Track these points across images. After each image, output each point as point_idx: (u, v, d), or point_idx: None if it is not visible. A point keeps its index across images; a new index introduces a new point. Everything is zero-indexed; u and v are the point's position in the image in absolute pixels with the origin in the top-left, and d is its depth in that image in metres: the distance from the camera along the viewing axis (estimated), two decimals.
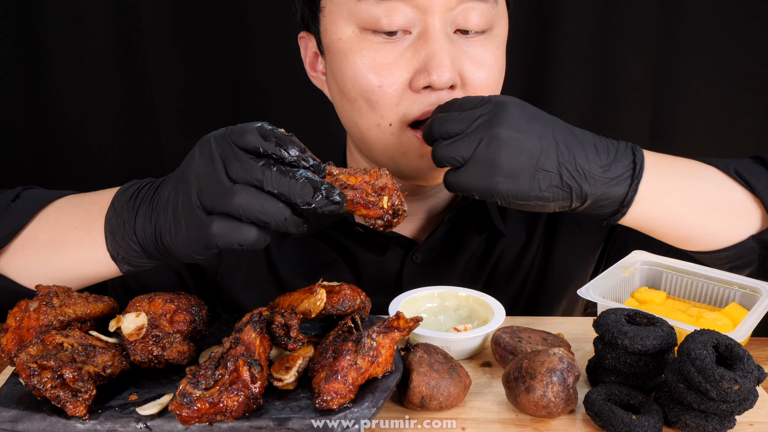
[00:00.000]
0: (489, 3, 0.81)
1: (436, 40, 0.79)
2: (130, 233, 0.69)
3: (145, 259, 0.71)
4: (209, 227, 0.61)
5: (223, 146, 0.62)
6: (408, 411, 0.64)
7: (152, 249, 0.69)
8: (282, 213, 0.59)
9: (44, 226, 0.76)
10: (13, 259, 0.76)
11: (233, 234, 0.60)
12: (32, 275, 0.75)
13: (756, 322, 0.71)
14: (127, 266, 0.72)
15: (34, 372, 0.57)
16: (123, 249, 0.70)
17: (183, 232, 0.63)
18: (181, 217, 0.63)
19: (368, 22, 0.79)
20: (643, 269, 0.85)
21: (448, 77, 0.78)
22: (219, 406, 0.55)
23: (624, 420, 0.59)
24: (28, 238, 0.76)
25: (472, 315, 0.80)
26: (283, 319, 0.62)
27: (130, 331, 0.63)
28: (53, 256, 0.75)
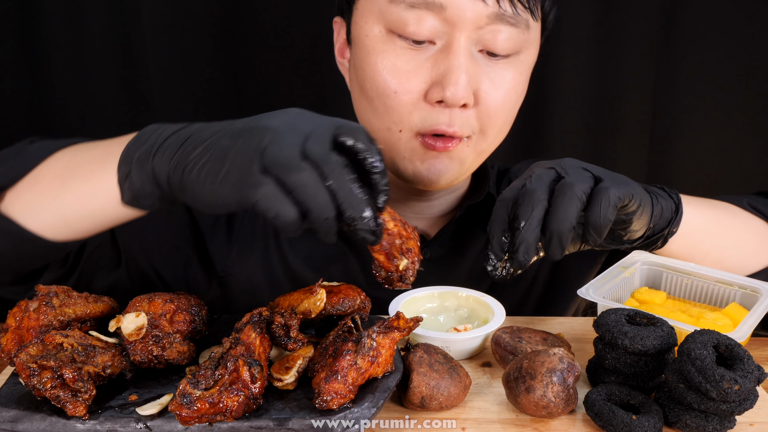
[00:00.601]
0: (519, 28, 0.81)
1: (457, 56, 0.79)
2: (148, 155, 0.64)
3: (151, 188, 0.65)
4: (258, 186, 0.56)
5: (318, 128, 0.60)
6: (408, 411, 0.64)
7: (167, 178, 0.63)
8: (328, 211, 0.57)
9: (55, 165, 0.72)
10: (20, 198, 0.72)
11: (276, 204, 0.56)
12: (38, 216, 0.71)
13: (756, 322, 0.71)
14: (130, 195, 0.66)
15: (34, 372, 0.57)
16: (134, 174, 0.65)
17: (221, 177, 0.58)
18: (228, 162, 0.58)
19: (396, 25, 0.79)
20: (643, 269, 0.85)
21: (461, 96, 0.78)
22: (219, 406, 0.55)
23: (624, 420, 0.59)
24: (37, 177, 0.72)
25: (472, 315, 0.80)
26: (283, 319, 0.62)
27: (130, 331, 0.63)
28: (61, 192, 0.70)
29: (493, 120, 0.84)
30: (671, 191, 0.81)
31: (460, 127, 0.82)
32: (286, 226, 0.57)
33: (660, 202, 0.77)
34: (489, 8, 0.78)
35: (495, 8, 0.78)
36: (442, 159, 0.84)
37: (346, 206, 0.57)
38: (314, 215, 0.57)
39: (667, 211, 0.78)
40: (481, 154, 0.88)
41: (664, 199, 0.78)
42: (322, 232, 0.58)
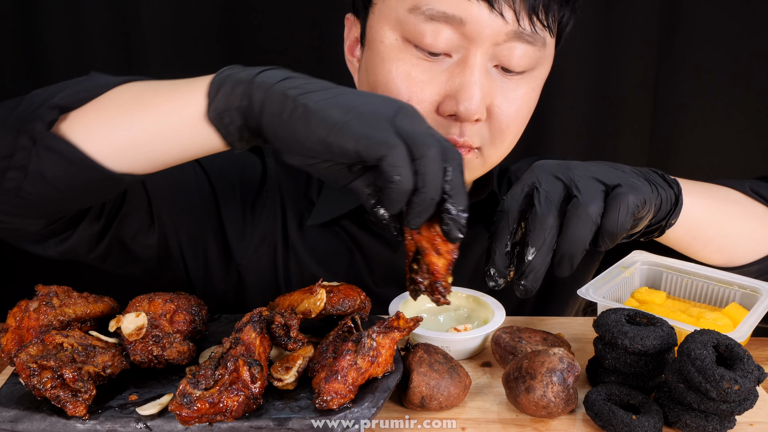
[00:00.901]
0: (536, 46, 0.81)
1: (473, 72, 0.78)
2: (248, 79, 0.62)
3: (243, 108, 0.62)
4: (393, 146, 0.57)
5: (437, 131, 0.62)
6: (408, 411, 0.64)
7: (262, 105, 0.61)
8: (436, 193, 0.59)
9: (128, 90, 0.68)
10: (84, 118, 0.66)
11: (403, 168, 0.57)
12: (103, 137, 0.66)
13: (756, 322, 0.71)
14: (215, 112, 0.63)
15: (34, 372, 0.57)
16: (227, 90, 0.62)
17: (341, 124, 0.58)
18: (354, 112, 0.59)
19: (413, 35, 0.79)
20: (643, 269, 0.85)
21: (474, 110, 0.78)
22: (219, 406, 0.55)
23: (624, 420, 0.59)
24: (108, 98, 0.67)
25: (472, 315, 0.80)
26: (283, 319, 0.62)
27: (130, 331, 0.63)
28: (134, 111, 0.66)
29: (505, 134, 0.85)
30: (672, 181, 0.79)
31: (470, 137, 0.82)
32: (399, 193, 0.58)
33: (660, 193, 0.75)
34: (508, 26, 0.77)
35: (514, 26, 0.78)
36: None
37: (454, 194, 0.60)
38: (424, 193, 0.58)
39: (666, 203, 0.76)
40: (489, 165, 0.88)
41: (663, 190, 0.76)
42: (416, 210, 0.60)
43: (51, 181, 0.66)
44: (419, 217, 0.60)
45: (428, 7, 0.77)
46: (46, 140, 0.65)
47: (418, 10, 0.78)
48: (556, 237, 0.67)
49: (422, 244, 0.65)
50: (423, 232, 0.64)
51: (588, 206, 0.66)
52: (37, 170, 0.65)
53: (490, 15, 0.76)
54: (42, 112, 0.65)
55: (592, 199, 0.67)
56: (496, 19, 0.77)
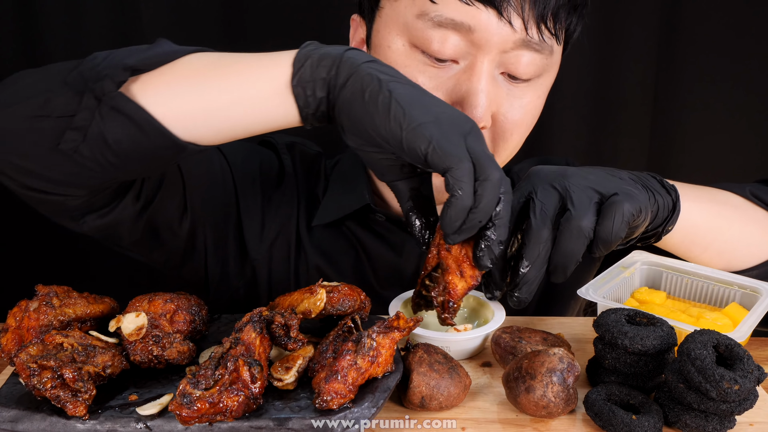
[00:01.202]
0: (543, 54, 0.81)
1: (480, 79, 0.78)
2: (337, 53, 0.62)
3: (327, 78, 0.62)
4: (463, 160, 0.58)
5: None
6: (408, 411, 0.64)
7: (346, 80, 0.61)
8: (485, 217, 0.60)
9: (205, 57, 0.66)
10: (156, 82, 0.64)
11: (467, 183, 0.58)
12: (174, 102, 0.63)
13: (756, 322, 0.71)
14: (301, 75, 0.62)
15: (34, 372, 0.57)
16: (314, 61, 0.62)
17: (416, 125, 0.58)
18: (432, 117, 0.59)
19: (420, 41, 0.79)
20: (643, 269, 0.85)
21: (480, 118, 0.78)
22: (219, 406, 0.55)
23: (624, 420, 0.59)
24: (181, 64, 0.65)
25: (473, 315, 0.80)
26: (283, 319, 0.62)
27: (130, 331, 0.63)
28: (211, 79, 0.64)
29: (508, 141, 0.85)
30: (670, 186, 0.79)
31: None
32: (459, 210, 0.59)
33: (657, 200, 0.75)
34: (516, 34, 0.77)
35: (522, 35, 0.77)
36: None
37: (498, 225, 0.61)
38: (475, 214, 0.60)
39: (663, 209, 0.77)
40: None
41: (661, 196, 0.76)
42: (463, 228, 0.61)
43: (111, 145, 0.62)
44: (461, 234, 0.61)
45: (437, 13, 0.77)
46: (114, 100, 0.61)
47: (426, 16, 0.77)
48: (550, 250, 0.69)
49: (448, 262, 0.66)
50: (453, 251, 0.65)
51: (581, 220, 0.67)
52: (99, 132, 0.62)
53: (498, 23, 0.76)
54: (112, 72, 0.62)
55: (584, 213, 0.68)
56: (504, 27, 0.76)
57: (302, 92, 0.63)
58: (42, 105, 0.62)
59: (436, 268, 0.69)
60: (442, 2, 0.76)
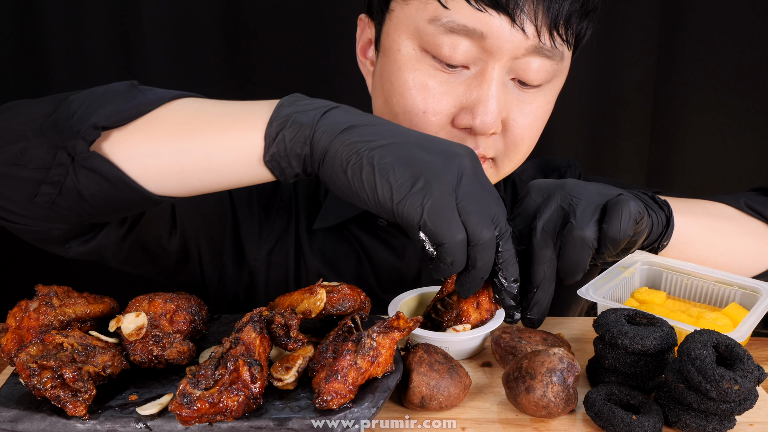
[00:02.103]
0: (554, 60, 0.80)
1: (491, 85, 0.78)
2: (309, 123, 0.61)
3: (302, 154, 0.61)
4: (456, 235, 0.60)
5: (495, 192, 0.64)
6: (408, 411, 0.64)
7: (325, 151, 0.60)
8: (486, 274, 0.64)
9: (179, 111, 0.65)
10: (130, 140, 0.63)
11: (460, 255, 0.61)
12: (148, 162, 0.63)
13: (756, 322, 0.71)
14: (274, 152, 0.62)
15: (34, 372, 0.57)
16: (287, 134, 0.61)
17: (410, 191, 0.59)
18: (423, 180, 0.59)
19: (431, 46, 0.78)
20: (643, 269, 0.85)
21: (491, 124, 0.78)
22: (219, 406, 0.55)
23: (624, 420, 0.59)
24: (156, 119, 0.64)
25: None
26: (283, 319, 0.62)
27: (130, 331, 0.63)
28: (186, 139, 0.63)
29: (519, 146, 0.85)
30: (662, 202, 0.79)
31: (485, 149, 0.82)
32: (450, 272, 0.62)
33: (651, 215, 0.76)
34: (528, 41, 0.77)
35: (534, 41, 0.77)
36: None
37: (505, 267, 0.64)
38: (474, 272, 0.63)
39: (658, 225, 0.77)
40: (502, 175, 0.89)
41: (654, 212, 0.76)
42: (465, 286, 0.65)
43: (87, 198, 0.64)
44: (469, 291, 0.65)
45: (448, 19, 0.76)
46: (87, 161, 0.62)
47: (437, 21, 0.76)
48: (555, 267, 0.70)
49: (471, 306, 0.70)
50: None
51: (583, 231, 0.68)
52: (73, 187, 0.63)
53: (511, 30, 0.75)
54: (83, 129, 0.61)
55: (586, 223, 0.68)
56: (516, 34, 0.76)
57: (277, 165, 0.63)
58: (19, 154, 0.63)
59: (451, 294, 0.70)
60: (454, 8, 0.76)
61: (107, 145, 0.63)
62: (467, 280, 0.64)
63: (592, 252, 0.69)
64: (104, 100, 0.64)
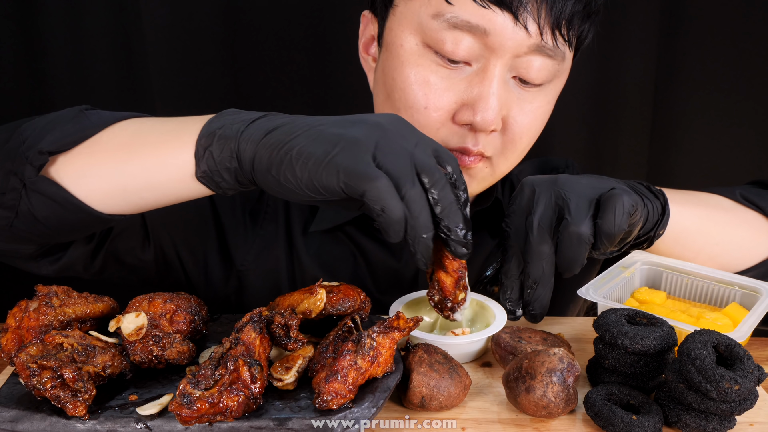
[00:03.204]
0: (556, 60, 0.80)
1: (492, 82, 0.78)
2: (235, 132, 0.62)
3: (232, 167, 0.63)
4: (376, 179, 0.57)
5: (422, 141, 0.62)
6: (408, 411, 0.64)
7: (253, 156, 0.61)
8: (427, 229, 0.60)
9: (120, 132, 0.69)
10: (75, 163, 0.67)
11: (388, 199, 0.57)
12: (93, 183, 0.67)
13: (756, 322, 0.71)
14: (205, 169, 0.63)
15: (34, 372, 0.57)
16: (215, 150, 0.62)
17: (327, 160, 0.58)
18: (339, 146, 0.58)
19: (434, 41, 0.78)
20: (643, 269, 0.85)
21: (491, 121, 0.78)
22: (219, 406, 0.55)
23: (624, 420, 0.59)
24: (98, 142, 0.68)
25: (475, 318, 0.80)
26: (283, 319, 0.62)
27: (130, 331, 0.63)
28: (126, 160, 0.66)
29: (517, 144, 0.84)
30: (657, 191, 0.80)
31: (483, 147, 0.82)
32: (391, 223, 0.58)
33: (647, 204, 0.76)
34: (531, 39, 0.77)
35: (537, 40, 0.77)
36: (465, 176, 0.84)
37: (446, 215, 0.60)
38: (415, 229, 0.59)
39: (653, 214, 0.77)
40: (498, 175, 0.88)
41: (650, 201, 0.77)
42: (414, 248, 0.60)
43: (41, 221, 0.68)
44: (422, 254, 0.61)
45: (452, 15, 0.76)
46: (36, 184, 0.66)
47: (441, 17, 0.77)
48: (554, 262, 0.71)
49: (434, 260, 0.67)
50: (433, 249, 0.65)
51: (579, 227, 0.69)
52: (28, 210, 0.67)
53: (514, 27, 0.76)
54: (31, 155, 0.66)
55: (581, 219, 0.69)
56: (519, 32, 0.76)
57: (211, 181, 0.64)
58: None
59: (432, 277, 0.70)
60: (457, 4, 0.76)
61: (55, 169, 0.67)
62: (413, 239, 0.60)
63: (589, 247, 0.70)
64: (52, 127, 0.68)
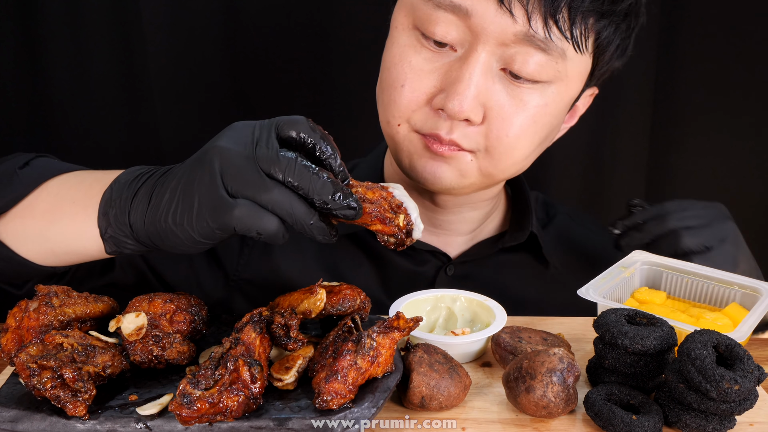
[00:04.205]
0: (551, 56, 0.75)
1: (470, 68, 0.75)
2: (124, 212, 0.64)
3: (132, 242, 0.65)
4: (232, 210, 0.57)
5: (262, 132, 0.59)
6: (408, 411, 0.64)
7: (144, 231, 0.63)
8: (308, 216, 0.58)
9: (45, 197, 0.74)
10: (12, 225, 0.74)
11: (255, 221, 0.57)
12: (28, 245, 0.73)
13: (756, 322, 0.71)
14: (113, 246, 0.67)
15: (34, 372, 0.57)
16: (113, 228, 0.66)
17: (195, 212, 0.59)
18: (196, 196, 0.58)
19: (421, 22, 0.77)
20: (643, 269, 0.85)
21: (463, 109, 0.75)
22: (219, 406, 0.55)
23: (624, 420, 0.59)
24: (28, 206, 0.74)
25: (475, 319, 0.80)
26: (283, 319, 0.62)
27: (130, 331, 0.63)
28: (48, 228, 0.72)
29: (502, 143, 0.79)
30: None
31: (459, 138, 0.78)
32: (273, 237, 0.58)
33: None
34: (517, 26, 0.73)
35: (524, 27, 0.73)
36: (440, 164, 0.81)
37: (312, 193, 0.57)
38: (298, 225, 0.58)
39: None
40: (489, 177, 0.83)
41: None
42: (316, 236, 0.59)
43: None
44: (323, 236, 0.59)
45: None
46: None
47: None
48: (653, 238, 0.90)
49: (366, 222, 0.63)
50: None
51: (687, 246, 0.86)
52: None
53: (497, 11, 0.73)
54: None
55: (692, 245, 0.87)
56: (503, 17, 0.73)
57: (122, 254, 0.69)
58: None
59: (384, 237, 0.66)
60: None
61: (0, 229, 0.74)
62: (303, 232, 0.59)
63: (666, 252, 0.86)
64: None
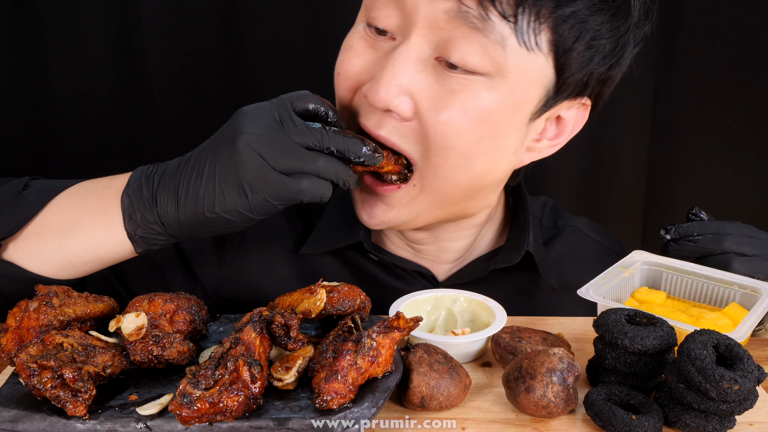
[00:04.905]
0: (489, 39, 0.66)
1: (399, 55, 0.70)
2: (151, 212, 0.69)
3: (164, 237, 0.71)
4: (296, 186, 0.66)
5: (281, 112, 0.68)
6: (408, 411, 0.64)
7: (179, 225, 0.69)
8: (347, 171, 0.69)
9: (57, 211, 0.75)
10: (25, 246, 0.74)
11: (318, 189, 0.68)
12: (45, 261, 0.74)
13: (756, 322, 0.71)
14: (144, 246, 0.72)
15: (34, 372, 0.57)
16: (142, 228, 0.70)
17: (249, 197, 0.66)
18: (245, 183, 0.66)
19: (368, 11, 0.75)
20: (643, 269, 0.85)
21: (381, 98, 0.69)
22: (219, 406, 0.55)
23: (624, 420, 0.59)
24: (41, 224, 0.74)
25: (475, 319, 0.80)
26: (283, 319, 0.62)
27: (130, 331, 0.63)
28: (67, 240, 0.73)
29: (440, 145, 0.71)
30: None
31: (388, 134, 0.73)
32: (326, 198, 0.69)
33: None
34: (447, 2, 0.66)
35: (455, 2, 0.66)
36: (377, 204, 0.79)
37: (349, 153, 0.68)
38: (341, 181, 0.69)
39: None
40: (439, 195, 0.76)
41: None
42: (352, 185, 0.70)
43: (6, 294, 0.74)
44: (356, 184, 0.72)
45: None
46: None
47: None
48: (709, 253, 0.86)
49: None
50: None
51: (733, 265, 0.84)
52: None
53: None
54: None
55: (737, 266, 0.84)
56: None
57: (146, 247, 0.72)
58: None
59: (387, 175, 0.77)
60: None
61: (7, 252, 0.74)
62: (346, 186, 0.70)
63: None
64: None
